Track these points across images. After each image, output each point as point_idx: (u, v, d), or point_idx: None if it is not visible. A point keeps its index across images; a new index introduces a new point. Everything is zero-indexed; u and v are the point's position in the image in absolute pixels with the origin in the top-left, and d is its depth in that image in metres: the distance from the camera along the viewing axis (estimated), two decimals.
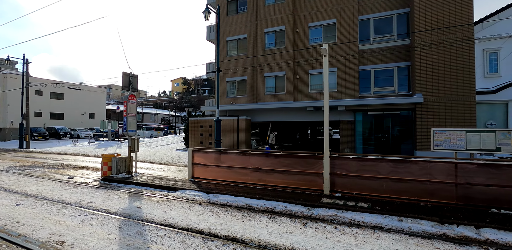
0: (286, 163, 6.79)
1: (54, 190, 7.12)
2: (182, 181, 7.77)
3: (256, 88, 17.55)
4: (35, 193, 6.77)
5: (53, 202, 5.91)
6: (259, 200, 5.99)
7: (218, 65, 13.40)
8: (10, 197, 6.37)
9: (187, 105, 64.47)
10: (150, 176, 8.62)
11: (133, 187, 7.50)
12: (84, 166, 11.58)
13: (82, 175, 9.39)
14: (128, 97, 8.45)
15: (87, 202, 5.91)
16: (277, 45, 16.86)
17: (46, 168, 11.02)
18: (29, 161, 13.21)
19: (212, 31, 20.18)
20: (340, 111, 15.20)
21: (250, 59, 17.81)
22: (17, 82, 29.74)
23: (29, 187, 7.49)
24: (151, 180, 8.00)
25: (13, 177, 9.00)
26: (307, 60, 16.14)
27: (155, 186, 7.40)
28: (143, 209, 5.44)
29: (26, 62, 20.91)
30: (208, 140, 17.02)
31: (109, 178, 8.35)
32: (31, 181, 8.24)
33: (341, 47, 15.34)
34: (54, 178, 8.88)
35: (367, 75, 15.09)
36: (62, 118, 34.97)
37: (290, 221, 4.84)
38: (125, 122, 8.51)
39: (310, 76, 16.21)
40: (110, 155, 8.83)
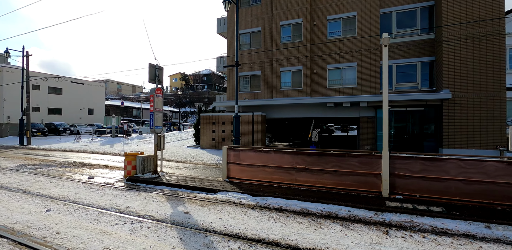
0: (335, 162, 6.26)
1: (79, 192, 6.46)
2: (218, 182, 7.18)
3: (271, 84, 16.93)
4: (60, 196, 6.12)
5: (86, 207, 5.27)
6: (315, 204, 5.45)
7: (237, 58, 12.75)
8: (34, 201, 5.71)
9: (187, 101, 63.45)
10: (180, 176, 8.00)
11: (165, 189, 6.89)
12: (99, 164, 10.89)
13: (101, 175, 8.72)
14: (155, 90, 7.77)
15: (125, 207, 5.30)
16: (294, 38, 16.22)
17: (59, 166, 10.30)
18: (37, 159, 12.43)
19: (222, 24, 19.42)
20: (360, 108, 14.72)
21: (264, 53, 17.15)
22: (13, 76, 28.55)
23: (51, 188, 6.81)
24: (182, 180, 7.39)
25: (28, 177, 8.28)
26: (325, 55, 15.56)
27: (190, 187, 6.81)
28: (193, 215, 4.85)
29: (26, 55, 19.86)
30: (221, 137, 16.40)
31: (135, 178, 7.71)
32: (49, 182, 7.55)
33: (361, 41, 14.79)
34: (73, 177, 8.20)
35: (389, 70, 14.59)
36: (60, 114, 33.85)
37: (367, 228, 4.31)
38: (152, 118, 7.84)
39: (328, 71, 15.65)
40: (133, 153, 8.17)
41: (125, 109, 46.37)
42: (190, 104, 62.96)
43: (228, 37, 18.30)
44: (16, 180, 7.74)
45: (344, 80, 15.30)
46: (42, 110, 31.62)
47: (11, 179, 7.94)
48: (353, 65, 15.02)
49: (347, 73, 15.26)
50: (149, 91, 7.26)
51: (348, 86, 15.14)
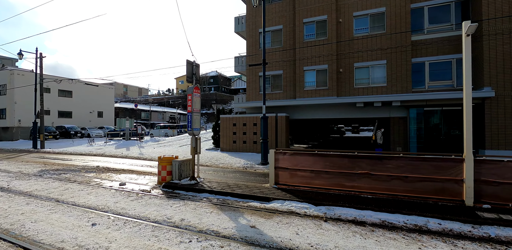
0: (405, 167, 5.56)
1: (118, 201, 5.83)
2: (267, 189, 6.51)
3: (294, 83, 16.28)
4: (99, 206, 5.49)
5: (135, 220, 4.63)
6: (394, 215, 4.76)
7: (264, 56, 12.10)
8: (73, 212, 5.08)
9: None
10: (221, 182, 7.35)
11: (210, 197, 6.23)
12: (123, 169, 10.28)
13: (131, 181, 8.10)
14: (192, 89, 7.15)
15: (179, 220, 4.64)
16: (318, 36, 15.59)
17: (83, 171, 9.70)
18: (57, 163, 11.87)
19: (241, 22, 18.86)
20: (391, 107, 14.01)
21: (286, 52, 16.53)
22: (24, 79, 28.26)
23: (85, 197, 6.19)
24: (226, 187, 6.73)
25: (55, 183, 7.68)
26: (352, 53, 14.89)
27: (238, 195, 6.14)
28: (262, 230, 4.18)
29: (40, 57, 19.45)
30: (242, 139, 15.76)
31: (172, 184, 7.07)
32: (80, 189, 6.93)
33: (391, 38, 14.11)
34: (103, 184, 7.59)
35: (421, 68, 13.88)
36: (70, 117, 33.48)
37: (478, 246, 3.62)
38: (190, 119, 7.22)
39: (355, 69, 14.97)
40: (169, 158, 7.54)
41: (134, 112, 46.00)
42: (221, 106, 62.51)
43: (247, 36, 17.72)
44: (43, 187, 7.14)
45: (372, 79, 14.60)
46: (52, 113, 31.24)
47: (38, 186, 7.34)
48: (382, 63, 14.32)
49: (375, 72, 14.57)
50: (187, 90, 6.91)
51: (377, 85, 14.43)
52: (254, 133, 15.46)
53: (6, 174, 9.23)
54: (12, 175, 9.01)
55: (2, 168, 10.53)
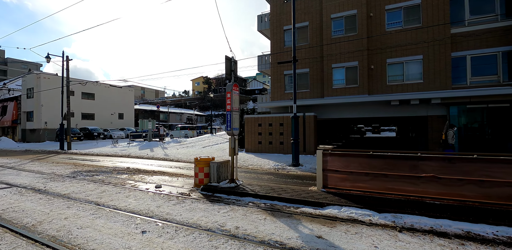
0: (480, 170, 4.90)
1: (160, 205, 5.49)
2: (316, 193, 6.00)
3: (321, 82, 15.67)
4: (142, 210, 5.16)
5: (186, 227, 4.25)
6: (478, 225, 4.13)
7: (294, 53, 11.61)
8: (118, 217, 4.77)
9: (210, 105, 63.30)
10: (263, 185, 6.90)
11: (255, 201, 5.79)
12: (154, 171, 10.04)
13: (165, 183, 7.80)
14: (232, 86, 6.75)
15: (233, 227, 4.22)
16: (347, 32, 14.92)
17: (115, 173, 9.53)
18: (86, 165, 11.83)
19: (264, 20, 18.45)
20: (429, 105, 13.15)
21: (312, 49, 15.95)
22: (50, 82, 29.07)
23: (124, 200, 5.91)
24: (270, 190, 6.27)
25: (90, 185, 7.49)
26: (384, 48, 14.13)
27: (286, 200, 5.67)
28: (332, 241, 3.68)
29: (66, 60, 19.81)
30: (268, 140, 15.30)
31: (211, 187, 6.69)
32: (118, 192, 6.68)
33: (427, 31, 13.25)
34: (138, 186, 7.32)
35: (462, 62, 12.95)
36: (93, 119, 34.19)
37: None
38: (229, 118, 6.82)
39: (387, 66, 14.19)
40: (206, 159, 7.18)
41: (152, 113, 46.59)
42: (213, 108, 62.71)
43: (272, 34, 17.28)
44: (80, 190, 6.94)
45: (407, 75, 13.77)
46: (76, 115, 31.98)
47: (74, 188, 7.16)
48: (417, 58, 13.48)
49: (410, 68, 13.73)
50: (226, 88, 6.67)
51: (413, 81, 13.59)
52: (280, 133, 14.96)
53: (40, 175, 9.19)
54: (46, 176, 8.95)
55: (36, 169, 10.56)
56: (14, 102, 30.93)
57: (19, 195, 6.42)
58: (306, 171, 10.16)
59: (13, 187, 7.31)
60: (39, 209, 5.28)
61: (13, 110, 30.86)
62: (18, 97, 30.99)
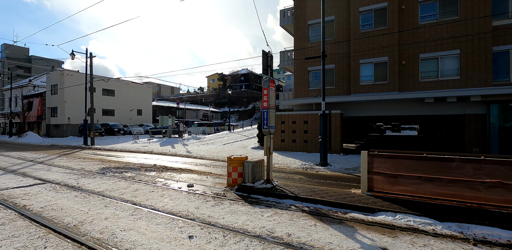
0: None
1: (199, 206, 5.26)
2: (359, 196, 5.61)
3: (347, 78, 15.08)
4: (181, 211, 4.95)
5: (234, 233, 3.98)
6: None
7: (323, 48, 11.09)
8: (158, 219, 4.57)
9: (225, 101, 63.33)
10: (301, 187, 6.56)
11: (296, 204, 5.46)
12: (181, 168, 9.90)
13: (196, 182, 7.60)
14: (268, 82, 6.41)
15: (285, 234, 3.91)
16: (376, 26, 14.23)
17: (143, 170, 9.46)
18: (113, 161, 11.88)
19: (287, 15, 17.94)
20: (466, 103, 12.36)
21: (338, 45, 15.35)
22: (73, 79, 29.72)
23: (159, 199, 5.73)
24: (311, 192, 5.93)
25: (121, 183, 7.40)
26: (417, 43, 13.36)
27: (330, 204, 5.31)
28: None
29: (90, 56, 20.06)
30: (291, 138, 14.92)
31: (247, 188, 6.42)
32: (151, 190, 6.52)
33: (466, 24, 12.40)
34: (170, 185, 7.16)
35: (504, 57, 12.06)
36: (113, 115, 34.83)
37: None
38: (266, 116, 6.50)
39: (420, 61, 13.43)
40: (239, 158, 6.90)
41: (169, 109, 47.06)
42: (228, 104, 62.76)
43: (295, 29, 16.77)
44: (113, 187, 6.84)
45: (442, 71, 12.99)
46: (97, 111, 32.61)
47: (106, 185, 7.08)
48: (454, 53, 12.67)
49: (446, 63, 12.94)
50: (262, 84, 6.45)
51: (448, 78, 12.81)
52: (304, 131, 14.55)
53: (71, 171, 9.23)
54: (77, 172, 8.97)
55: (65, 165, 10.66)
56: (39, 98, 31.90)
57: (54, 192, 6.37)
58: (336, 171, 9.74)
59: (47, 183, 7.31)
60: (77, 207, 5.17)
61: (38, 106, 31.84)
62: (43, 94, 31.94)
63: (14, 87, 36.34)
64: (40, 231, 4.02)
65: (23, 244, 3.58)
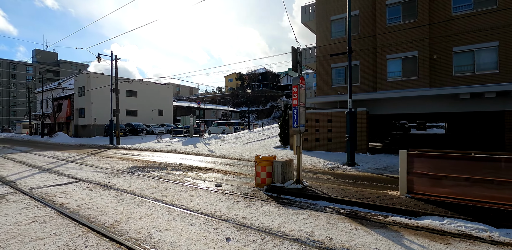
0: None
1: (230, 207, 5.16)
2: (398, 198, 5.28)
3: (373, 74, 14.51)
4: (213, 212, 4.86)
5: (269, 235, 3.82)
6: None
7: (349, 44, 10.70)
8: (191, 219, 4.50)
9: (243, 101, 63.51)
10: (333, 188, 6.30)
11: (331, 206, 5.23)
12: (207, 168, 9.91)
13: (223, 181, 7.54)
14: (298, 80, 6.20)
15: (326, 239, 3.71)
16: (405, 19, 13.55)
17: (169, 169, 9.55)
18: (139, 160, 12.13)
19: (308, 12, 17.55)
20: (507, 99, 11.49)
21: (363, 40, 14.79)
22: (98, 81, 30.85)
23: (190, 200, 5.69)
24: (344, 193, 5.67)
25: (150, 182, 7.48)
26: (449, 35, 12.58)
27: (368, 206, 5.03)
28: None
29: (115, 59, 20.69)
30: (315, 137, 14.58)
31: (277, 188, 6.25)
32: (180, 190, 6.52)
33: (505, 14, 11.50)
34: (198, 184, 7.13)
35: None
36: (136, 115, 35.86)
37: None
38: (296, 114, 6.30)
39: (454, 55, 12.64)
40: (268, 158, 6.75)
41: (189, 109, 47.81)
42: (246, 104, 62.86)
43: (317, 25, 16.36)
44: (143, 186, 6.91)
45: (478, 65, 12.15)
46: (121, 112, 33.60)
47: (136, 184, 7.17)
48: (492, 45, 11.80)
49: (482, 57, 12.09)
50: (292, 81, 6.34)
51: (486, 72, 11.96)
52: (328, 130, 14.17)
53: (101, 170, 9.49)
54: (107, 171, 9.19)
55: (95, 164, 11.00)
56: (68, 100, 33.43)
57: (88, 190, 6.52)
58: (364, 171, 9.37)
59: (80, 182, 7.52)
60: (112, 206, 5.23)
61: (67, 107, 33.39)
62: (71, 96, 33.44)
63: (45, 90, 38.31)
64: (79, 229, 4.07)
65: (65, 242, 3.62)
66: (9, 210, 5.05)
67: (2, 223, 4.35)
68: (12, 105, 75.88)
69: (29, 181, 7.66)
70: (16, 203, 5.48)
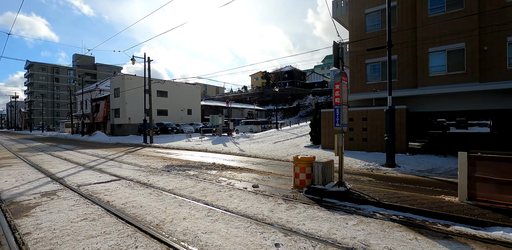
0: None
1: (272, 210, 4.99)
2: (458, 205, 4.77)
3: (413, 69, 13.58)
4: (256, 215, 4.72)
5: (321, 243, 3.59)
6: None
7: (389, 37, 10.07)
8: (235, 222, 4.39)
9: (269, 99, 63.29)
10: (378, 191, 5.91)
11: (380, 211, 4.86)
12: (240, 167, 9.85)
13: (259, 181, 7.40)
14: (341, 76, 5.85)
15: (387, 249, 3.39)
16: (449, 8, 12.49)
17: (203, 168, 9.62)
18: (173, 159, 12.41)
19: (340, 6, 16.88)
20: None
21: (401, 33, 13.88)
22: (132, 82, 32.25)
23: (230, 201, 5.60)
24: (394, 198, 5.25)
25: (187, 181, 7.54)
26: (504, 24, 11.37)
27: (424, 213, 4.59)
28: None
29: (148, 60, 21.44)
30: (348, 136, 13.97)
31: (317, 190, 5.98)
32: (218, 190, 6.48)
33: None
34: (234, 185, 7.06)
35: None
36: (166, 115, 37.05)
37: None
38: (339, 113, 5.97)
39: (508, 45, 11.42)
40: (307, 158, 6.49)
41: (216, 108, 48.54)
42: (272, 102, 62.52)
43: (350, 19, 15.66)
44: (181, 186, 6.97)
45: None
46: (153, 112, 34.96)
47: (174, 183, 7.26)
48: None
49: None
50: (334, 78, 6.13)
51: None
52: (363, 128, 13.51)
53: (139, 168, 9.79)
54: (144, 170, 9.46)
55: (132, 162, 11.41)
56: (104, 101, 35.40)
57: (130, 189, 6.70)
58: (407, 173, 8.75)
59: (121, 180, 7.78)
60: (154, 205, 5.29)
61: (104, 108, 35.37)
62: (107, 97, 35.36)
63: (84, 92, 40.93)
64: (127, 229, 4.12)
65: (116, 242, 3.66)
66: (61, 206, 5.29)
67: (56, 220, 4.54)
68: (56, 107, 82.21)
69: (75, 178, 8.07)
70: (66, 200, 5.74)
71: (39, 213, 4.89)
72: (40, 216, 4.76)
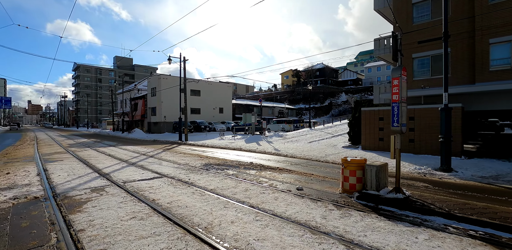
0: None
1: (325, 216, 4.59)
2: None
3: (469, 64, 12.23)
4: (308, 221, 4.35)
5: None
6: None
7: (445, 27, 9.07)
8: (287, 228, 4.06)
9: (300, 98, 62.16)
10: (442, 200, 5.23)
11: (453, 224, 4.23)
12: (279, 168, 9.51)
13: (302, 183, 7.01)
14: (400, 70, 5.25)
15: None
16: None
17: (242, 168, 9.44)
18: (210, 157, 12.44)
19: None
20: None
21: (455, 23, 12.52)
22: (167, 82, 33.38)
23: (275, 203, 5.30)
24: (467, 210, 4.57)
25: (227, 180, 7.38)
26: None
27: (507, 229, 3.90)
28: None
29: (183, 60, 21.92)
30: None
31: (370, 196, 5.45)
32: (261, 192, 6.20)
33: None
34: (277, 186, 6.74)
35: None
36: (199, 113, 37.92)
37: None
38: (397, 112, 5.38)
39: None
40: (359, 161, 5.96)
41: (247, 107, 48.70)
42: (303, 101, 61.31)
43: (395, 10, 14.52)
44: (222, 186, 6.81)
45: None
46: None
47: (215, 183, 7.13)
48: None
49: None
50: (392, 72, 5.83)
51: None
52: (410, 129, 12.45)
53: (178, 166, 9.88)
54: (184, 168, 9.52)
55: (171, 159, 11.61)
56: (142, 100, 37.12)
57: (173, 187, 6.68)
58: (467, 179, 7.79)
59: (163, 177, 7.84)
60: (199, 206, 5.15)
61: (141, 106, 37.11)
62: (145, 96, 37.04)
63: (124, 91, 43.33)
64: (176, 231, 3.98)
65: (167, 244, 3.52)
66: (110, 203, 5.36)
67: (107, 217, 4.56)
68: (99, 105, 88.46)
69: (120, 174, 8.31)
70: (114, 196, 5.83)
71: (91, 209, 4.97)
72: (92, 212, 4.83)
